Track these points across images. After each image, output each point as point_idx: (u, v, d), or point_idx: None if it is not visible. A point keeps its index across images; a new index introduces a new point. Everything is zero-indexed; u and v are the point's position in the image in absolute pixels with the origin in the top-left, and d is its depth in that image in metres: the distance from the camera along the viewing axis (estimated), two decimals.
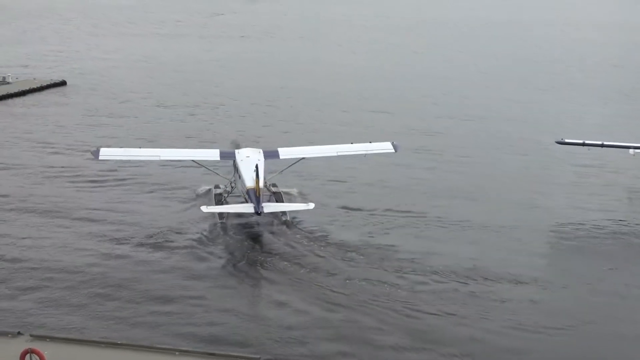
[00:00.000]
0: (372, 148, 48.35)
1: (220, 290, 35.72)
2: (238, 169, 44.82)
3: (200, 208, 42.94)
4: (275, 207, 43.67)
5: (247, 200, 42.65)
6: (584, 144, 52.70)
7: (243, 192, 43.81)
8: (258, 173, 41.57)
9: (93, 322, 31.94)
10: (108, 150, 47.13)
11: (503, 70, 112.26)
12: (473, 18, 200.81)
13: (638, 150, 51.27)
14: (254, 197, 41.33)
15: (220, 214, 44.01)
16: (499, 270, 38.06)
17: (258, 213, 41.11)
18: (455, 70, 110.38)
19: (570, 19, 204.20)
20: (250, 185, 42.02)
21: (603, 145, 52.57)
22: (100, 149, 46.40)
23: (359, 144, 48.95)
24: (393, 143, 48.40)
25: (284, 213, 44.37)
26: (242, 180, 43.71)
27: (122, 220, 44.31)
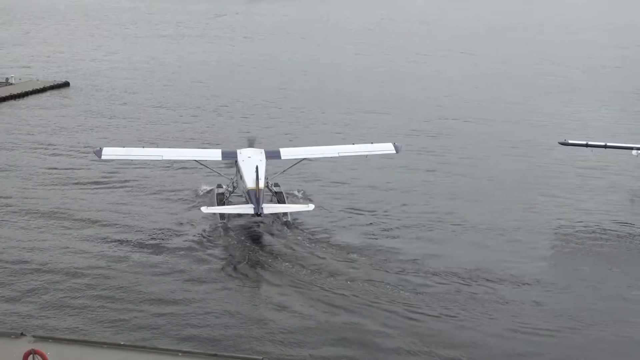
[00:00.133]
0: (373, 149, 48.36)
1: (222, 292, 35.66)
2: (239, 169, 44.86)
3: (201, 209, 43.00)
4: (275, 208, 43.65)
5: (247, 201, 42.71)
6: (587, 145, 52.66)
7: (244, 192, 43.87)
8: (258, 174, 41.59)
9: (95, 324, 31.86)
10: (111, 150, 47.24)
11: (506, 72, 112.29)
12: (475, 20, 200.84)
13: None
14: (254, 198, 41.39)
15: (222, 215, 44.06)
16: (502, 272, 37.98)
17: (258, 214, 41.17)
18: (458, 72, 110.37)
19: (571, 21, 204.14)
20: (251, 186, 42.02)
21: (606, 147, 52.54)
22: (103, 149, 46.65)
23: (361, 145, 49.00)
24: (394, 144, 48.37)
25: (285, 214, 44.37)
26: (243, 181, 43.77)
27: (124, 222, 44.30)
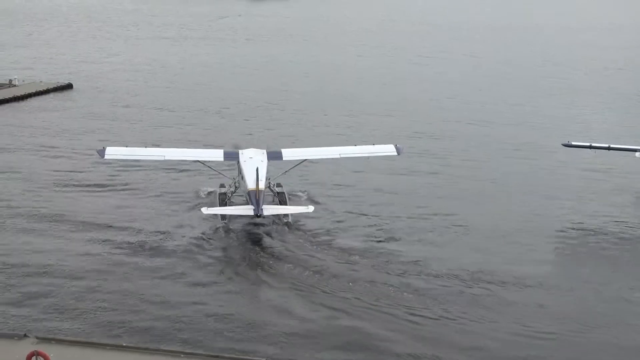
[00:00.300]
0: (375, 150, 48.50)
1: (224, 295, 35.70)
2: (241, 170, 45.10)
3: (201, 210, 43.11)
4: (275, 209, 43.79)
5: (248, 201, 42.83)
6: (591, 147, 52.60)
7: (245, 192, 44.03)
8: (258, 175, 41.73)
9: (97, 326, 31.88)
10: (114, 150, 47.53)
11: (508, 74, 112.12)
12: (478, 22, 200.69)
13: None
14: (254, 199, 41.55)
15: (223, 215, 44.23)
16: (505, 274, 37.94)
17: (257, 215, 41.37)
18: (460, 74, 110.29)
19: (572, 21, 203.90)
20: (251, 187, 42.20)
21: (610, 148, 52.46)
22: (106, 148, 46.97)
23: (362, 146, 49.13)
24: (396, 146, 48.42)
25: (286, 214, 44.48)
26: (244, 182, 44.04)
27: (126, 225, 44.29)
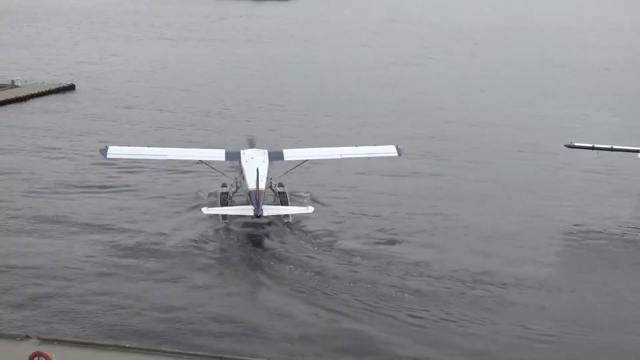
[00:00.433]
0: (375, 151, 48.57)
1: (225, 296, 35.65)
2: (242, 170, 45.32)
3: (202, 210, 43.20)
4: (275, 210, 43.89)
5: (249, 201, 43.01)
6: (593, 148, 52.57)
7: (246, 192, 44.20)
8: (259, 176, 41.87)
9: (99, 328, 31.81)
10: (116, 149, 47.76)
11: (509, 74, 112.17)
12: (479, 23, 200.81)
13: None
14: (254, 199, 41.72)
15: (224, 215, 44.39)
16: (506, 275, 37.94)
17: (257, 216, 41.56)
18: (461, 75, 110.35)
19: (573, 22, 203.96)
20: (252, 187, 42.36)
21: (612, 149, 52.44)
22: (109, 148, 47.21)
23: (363, 147, 49.17)
24: (397, 147, 48.45)
25: (287, 215, 44.58)
26: (245, 182, 44.26)
27: (127, 227, 44.23)
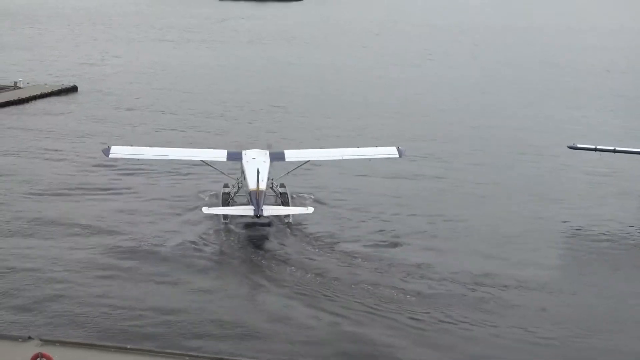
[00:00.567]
0: (377, 152, 48.68)
1: (226, 299, 35.60)
2: (243, 170, 45.63)
3: (202, 209, 43.34)
4: (275, 210, 44.05)
5: (249, 202, 43.25)
6: (596, 149, 52.45)
7: (247, 193, 44.43)
8: (259, 176, 42.11)
9: (100, 331, 31.74)
10: (119, 149, 48.15)
11: (510, 75, 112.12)
12: (479, 24, 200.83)
13: None
14: (255, 199, 41.95)
15: (225, 215, 44.58)
16: (507, 277, 37.92)
17: (257, 216, 41.77)
18: (462, 75, 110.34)
19: (573, 22, 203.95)
20: (252, 188, 42.61)
21: (615, 151, 52.34)
22: (111, 147, 47.61)
23: (364, 148, 49.27)
24: (398, 148, 48.51)
25: (287, 215, 44.75)
26: (246, 182, 44.55)
27: (129, 229, 44.13)
